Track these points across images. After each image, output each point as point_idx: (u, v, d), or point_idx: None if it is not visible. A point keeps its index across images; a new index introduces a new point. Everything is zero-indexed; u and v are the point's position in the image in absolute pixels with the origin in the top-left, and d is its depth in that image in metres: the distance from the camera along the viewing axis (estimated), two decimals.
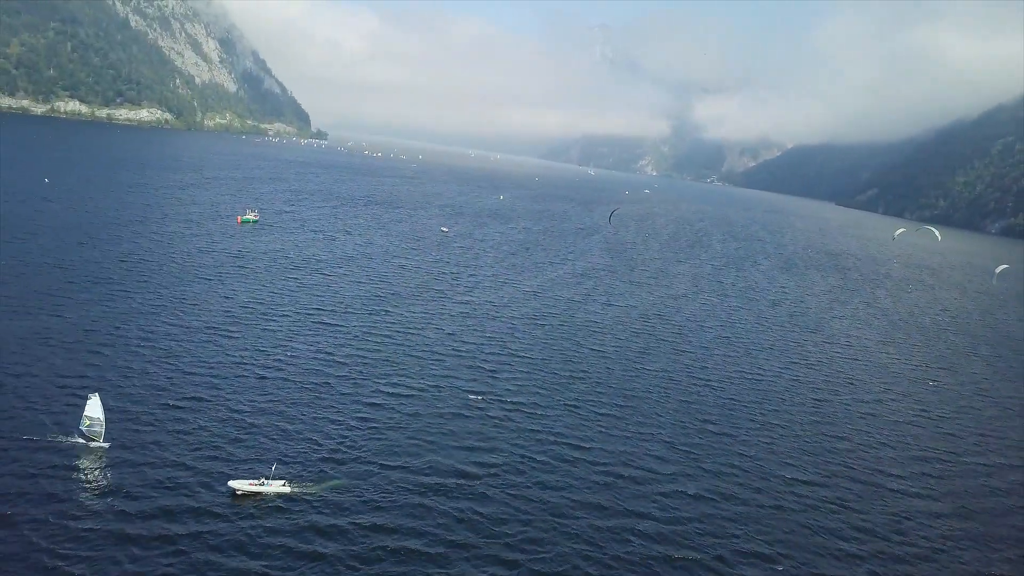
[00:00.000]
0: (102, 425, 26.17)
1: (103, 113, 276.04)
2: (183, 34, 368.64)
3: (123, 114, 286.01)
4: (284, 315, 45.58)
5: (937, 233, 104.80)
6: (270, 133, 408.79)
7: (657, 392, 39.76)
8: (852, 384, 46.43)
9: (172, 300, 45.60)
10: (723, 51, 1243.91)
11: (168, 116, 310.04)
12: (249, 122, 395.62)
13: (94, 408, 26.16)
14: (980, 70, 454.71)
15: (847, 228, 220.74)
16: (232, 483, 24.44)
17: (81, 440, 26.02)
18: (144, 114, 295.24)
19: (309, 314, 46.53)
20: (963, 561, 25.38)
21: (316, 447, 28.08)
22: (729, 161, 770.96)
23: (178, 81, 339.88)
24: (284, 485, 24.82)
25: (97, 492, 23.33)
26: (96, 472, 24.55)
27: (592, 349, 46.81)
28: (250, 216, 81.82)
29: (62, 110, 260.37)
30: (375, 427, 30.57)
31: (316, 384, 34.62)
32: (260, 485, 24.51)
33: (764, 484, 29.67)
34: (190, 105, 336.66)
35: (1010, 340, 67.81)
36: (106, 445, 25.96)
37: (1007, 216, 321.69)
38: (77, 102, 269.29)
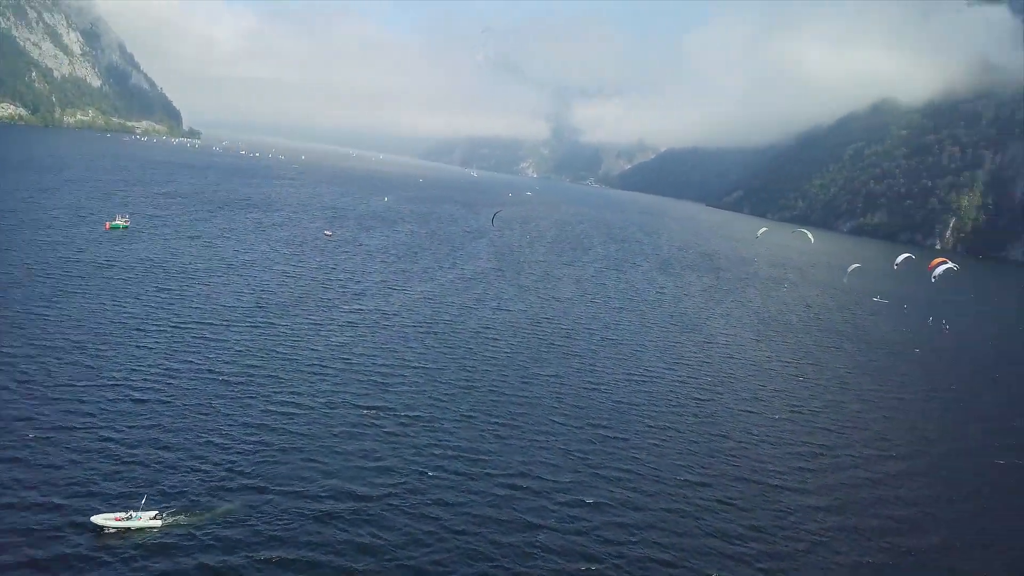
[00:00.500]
0: None
1: None
2: (40, 24, 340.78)
3: None
4: (160, 330, 42.88)
5: (810, 236, 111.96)
6: (138, 131, 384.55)
7: (550, 398, 40.25)
8: (731, 382, 48.75)
9: (31, 317, 41.90)
10: (601, 56, 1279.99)
11: (23, 112, 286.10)
12: (115, 120, 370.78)
13: None
14: (836, 81, 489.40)
15: (717, 229, 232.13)
16: (95, 519, 22.54)
17: None
18: None
19: (188, 328, 43.99)
20: (841, 551, 27.11)
21: (200, 475, 26.50)
22: (606, 164, 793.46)
23: (34, 74, 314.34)
24: (155, 518, 23.07)
25: None
26: None
27: (485, 356, 46.87)
28: (119, 222, 76.57)
29: None
30: (264, 449, 29.24)
31: (198, 405, 32.73)
32: (128, 519, 22.72)
33: (657, 487, 30.59)
34: (47, 100, 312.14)
35: (864, 335, 73.21)
36: None
37: (857, 216, 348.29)
38: None
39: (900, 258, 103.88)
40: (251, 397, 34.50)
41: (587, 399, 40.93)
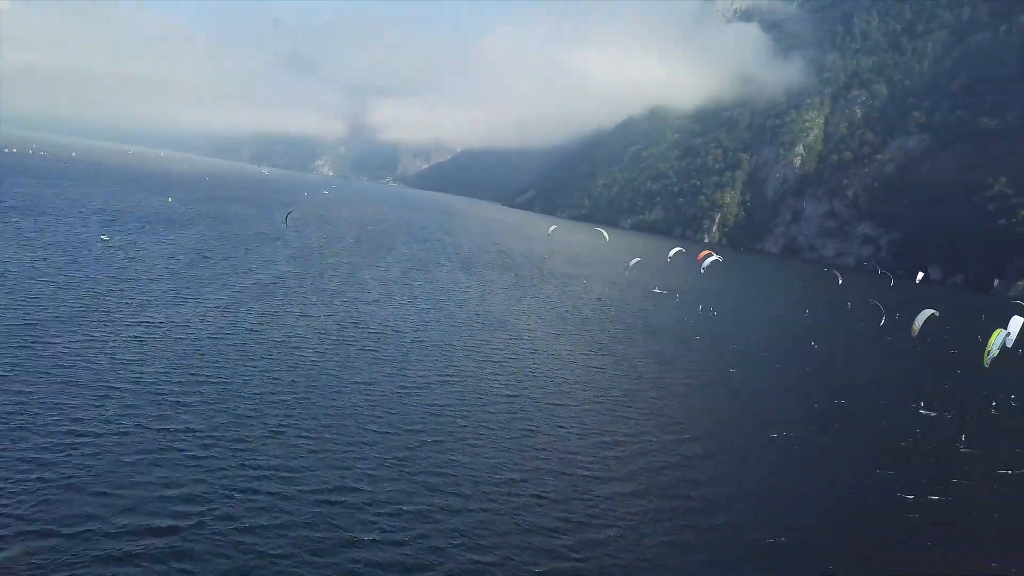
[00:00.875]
0: None
1: None
2: None
3: None
4: None
5: (605, 234, 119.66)
6: None
7: (363, 405, 39.54)
8: (537, 377, 50.74)
9: None
10: (396, 56, 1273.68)
11: None
12: None
13: None
14: (616, 87, 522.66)
15: (513, 228, 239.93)
16: None
17: None
18: None
19: None
20: (647, 533, 29.17)
21: None
22: (404, 163, 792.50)
23: None
24: None
25: None
26: None
27: (291, 365, 45.00)
28: None
29: None
30: (44, 488, 26.03)
31: None
32: None
33: (475, 488, 31.15)
34: None
35: (650, 325, 79.33)
36: None
37: (637, 213, 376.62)
38: None
39: (672, 252, 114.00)
40: (23, 429, 30.54)
41: (400, 404, 40.71)
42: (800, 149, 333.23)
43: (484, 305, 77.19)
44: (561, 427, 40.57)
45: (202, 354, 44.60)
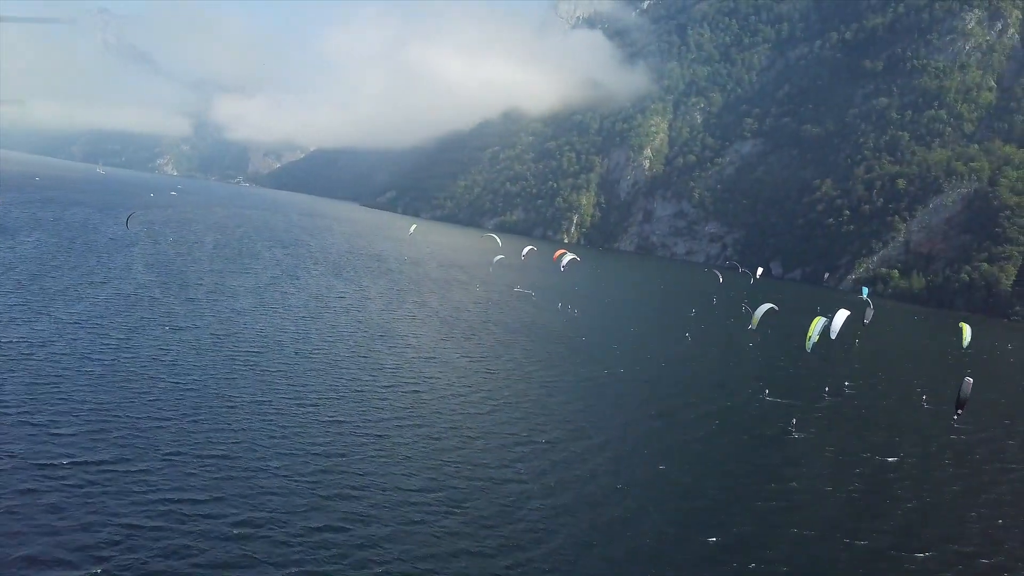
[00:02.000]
0: None
1: None
2: None
3: None
4: None
5: (499, 240, 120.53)
6: None
7: (258, 425, 37.75)
8: (431, 383, 50.53)
9: None
10: (239, 51, 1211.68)
11: None
12: None
13: None
14: (472, 88, 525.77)
15: (378, 229, 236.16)
16: None
17: None
18: None
19: None
20: (560, 530, 30.03)
21: None
22: (254, 162, 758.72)
23: None
24: None
25: None
26: None
27: (171, 384, 42.17)
28: None
29: None
30: None
31: None
32: None
33: (392, 503, 30.65)
34: None
35: (524, 325, 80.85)
36: None
37: (498, 214, 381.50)
38: None
39: (525, 251, 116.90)
40: None
41: (297, 421, 39.26)
42: (648, 153, 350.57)
43: (365, 312, 75.73)
44: (465, 434, 40.70)
45: (66, 377, 40.85)
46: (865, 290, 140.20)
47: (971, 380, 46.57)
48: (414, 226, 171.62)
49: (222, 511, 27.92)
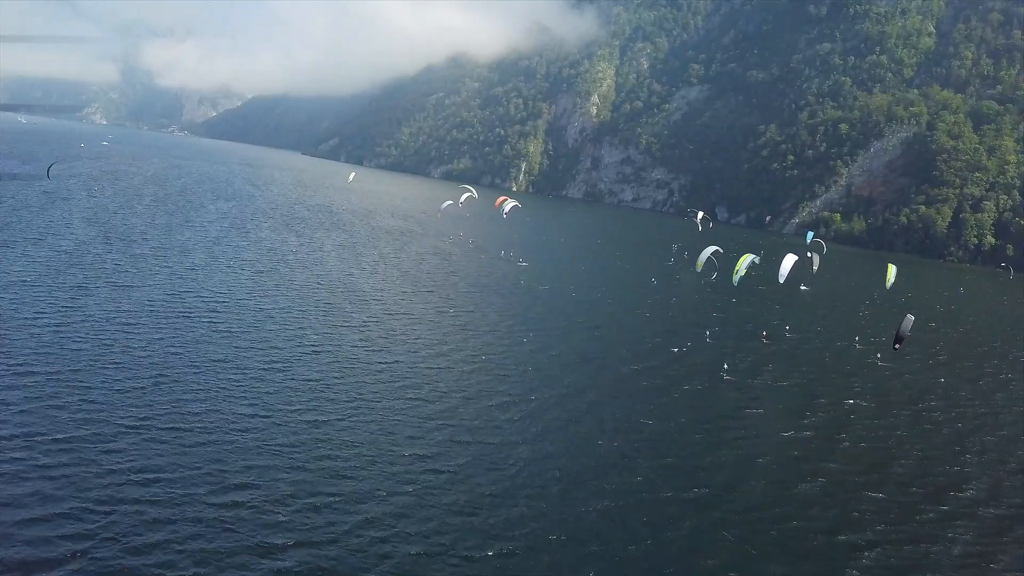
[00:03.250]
0: None
1: None
2: None
3: None
4: None
5: (475, 192, 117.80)
6: None
7: (230, 388, 35.91)
8: (405, 341, 49.03)
9: None
10: None
11: None
12: None
13: None
14: (416, 33, 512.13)
15: (324, 179, 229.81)
16: None
17: None
18: None
19: None
20: (566, 497, 29.65)
21: None
22: (189, 110, 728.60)
23: None
24: None
25: None
26: None
27: (130, 346, 39.80)
28: None
29: None
30: None
31: None
32: None
33: (380, 471, 29.63)
34: None
35: (478, 276, 79.80)
36: None
37: (445, 162, 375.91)
38: None
39: (463, 197, 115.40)
40: None
41: (271, 383, 37.63)
42: (595, 99, 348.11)
43: (323, 266, 73.48)
44: (446, 392, 39.70)
45: (11, 344, 38.29)
46: (809, 234, 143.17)
47: (912, 318, 47.82)
48: (353, 174, 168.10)
49: (197, 484, 26.38)
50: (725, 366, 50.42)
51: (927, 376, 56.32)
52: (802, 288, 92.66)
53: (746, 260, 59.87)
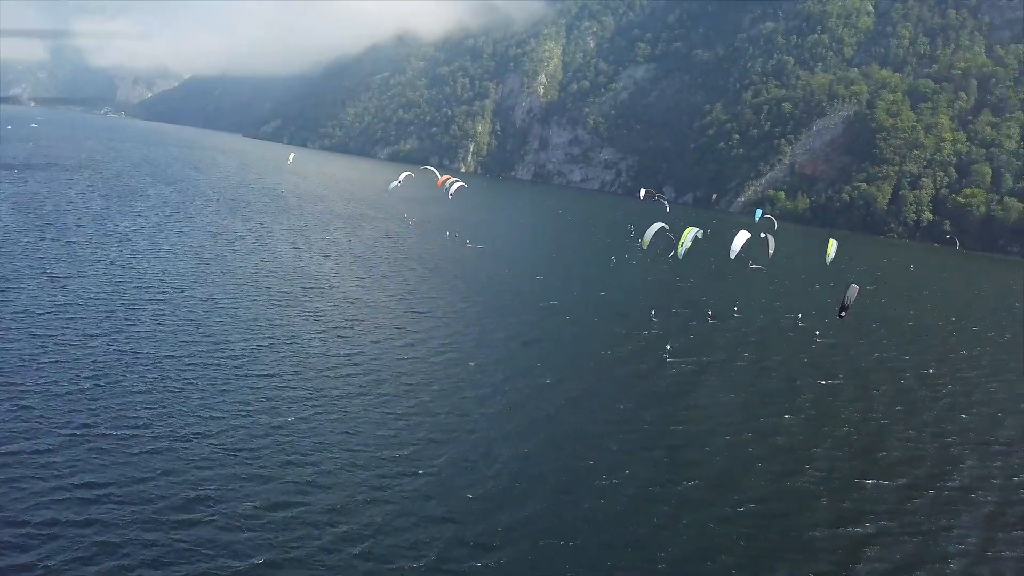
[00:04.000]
0: None
1: None
2: None
3: None
4: None
5: (291, 156, 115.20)
6: None
7: (183, 387, 33.37)
8: (366, 331, 46.95)
9: None
10: None
11: None
12: None
13: None
14: (360, 11, 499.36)
15: (269, 162, 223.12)
16: None
17: None
18: None
19: None
20: (550, 495, 28.42)
21: None
22: (123, 91, 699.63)
23: None
24: None
25: None
26: None
27: (69, 342, 36.78)
28: None
29: None
30: None
31: None
32: None
33: (355, 475, 27.87)
34: None
35: (443, 261, 78.07)
36: None
37: (392, 143, 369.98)
38: None
39: (401, 176, 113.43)
40: None
41: (226, 380, 35.15)
42: (542, 79, 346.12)
43: (275, 253, 70.54)
44: (414, 386, 37.86)
45: None
46: (758, 212, 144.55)
47: (857, 287, 48.46)
48: (292, 155, 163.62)
49: (148, 500, 23.95)
50: (668, 347, 49.50)
51: (867, 351, 57.01)
52: (751, 266, 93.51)
53: (690, 233, 59.60)
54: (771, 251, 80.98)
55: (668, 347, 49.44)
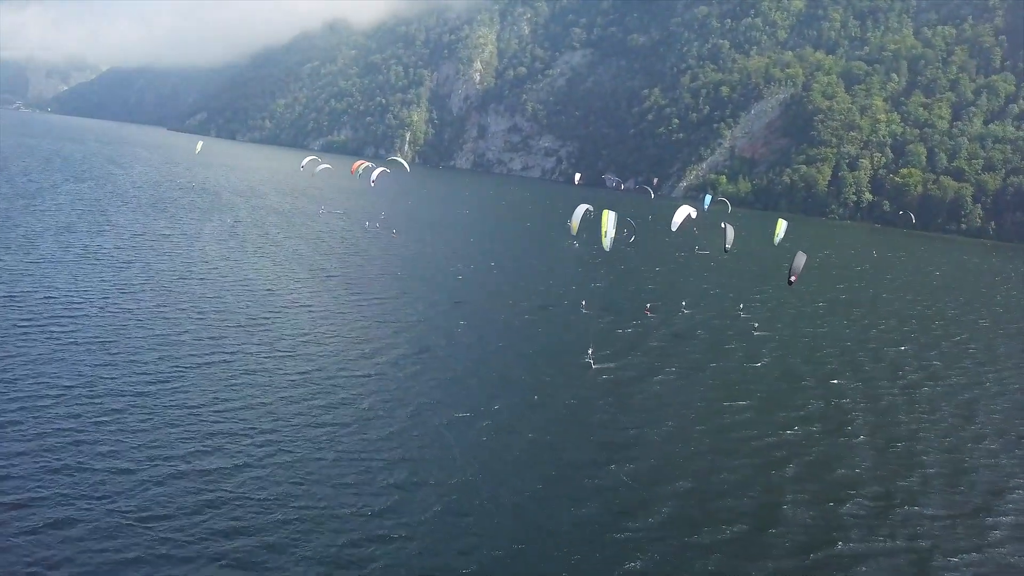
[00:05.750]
0: None
1: None
2: None
3: None
4: None
5: (199, 145, 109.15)
6: None
7: (101, 411, 27.66)
8: (311, 340, 41.56)
9: None
10: None
11: None
12: None
13: None
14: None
15: (196, 156, 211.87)
16: None
17: None
18: None
19: None
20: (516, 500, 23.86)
21: None
22: (35, 84, 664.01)
23: None
24: None
25: None
26: None
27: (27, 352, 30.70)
28: None
29: None
30: None
31: None
32: None
33: (319, 510, 22.97)
34: None
35: (377, 255, 72.93)
36: None
37: (325, 134, 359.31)
38: None
39: (304, 161, 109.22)
40: None
41: (155, 408, 29.25)
42: (478, 65, 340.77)
43: (202, 254, 63.74)
44: (368, 395, 32.94)
45: None
46: (707, 198, 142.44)
47: (804, 255, 46.52)
48: (200, 143, 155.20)
49: (91, 544, 18.98)
50: (590, 351, 42.38)
51: (818, 341, 54.60)
52: (697, 251, 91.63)
53: (609, 218, 50.72)
54: (729, 243, 75.19)
55: (590, 352, 42.29)
